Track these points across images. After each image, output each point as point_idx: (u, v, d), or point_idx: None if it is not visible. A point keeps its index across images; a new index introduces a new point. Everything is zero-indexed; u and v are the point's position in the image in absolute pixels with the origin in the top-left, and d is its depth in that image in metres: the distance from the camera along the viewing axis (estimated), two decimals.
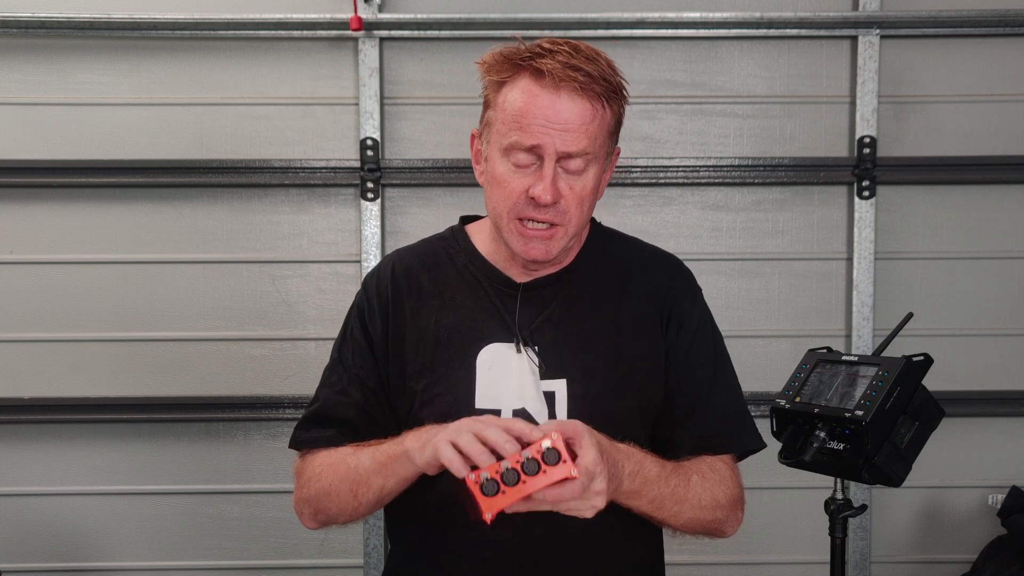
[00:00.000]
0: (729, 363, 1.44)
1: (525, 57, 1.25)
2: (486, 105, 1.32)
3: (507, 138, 1.26)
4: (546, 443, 1.07)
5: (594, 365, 1.33)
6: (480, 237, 1.43)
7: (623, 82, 1.30)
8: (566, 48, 1.25)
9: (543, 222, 1.28)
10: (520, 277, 1.38)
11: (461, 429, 1.12)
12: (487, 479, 1.07)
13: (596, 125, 1.26)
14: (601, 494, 1.11)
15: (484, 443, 1.09)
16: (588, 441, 1.11)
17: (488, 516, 1.07)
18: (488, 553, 1.32)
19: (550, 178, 1.25)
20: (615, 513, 1.33)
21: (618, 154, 1.39)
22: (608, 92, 1.26)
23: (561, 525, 1.31)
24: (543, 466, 1.07)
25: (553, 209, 1.27)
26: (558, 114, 1.23)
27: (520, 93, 1.25)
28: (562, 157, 1.25)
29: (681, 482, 1.28)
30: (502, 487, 1.06)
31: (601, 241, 1.45)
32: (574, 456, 1.10)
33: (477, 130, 1.36)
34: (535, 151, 1.25)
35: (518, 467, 1.07)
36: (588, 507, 1.12)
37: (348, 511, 1.32)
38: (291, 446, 1.42)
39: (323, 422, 1.38)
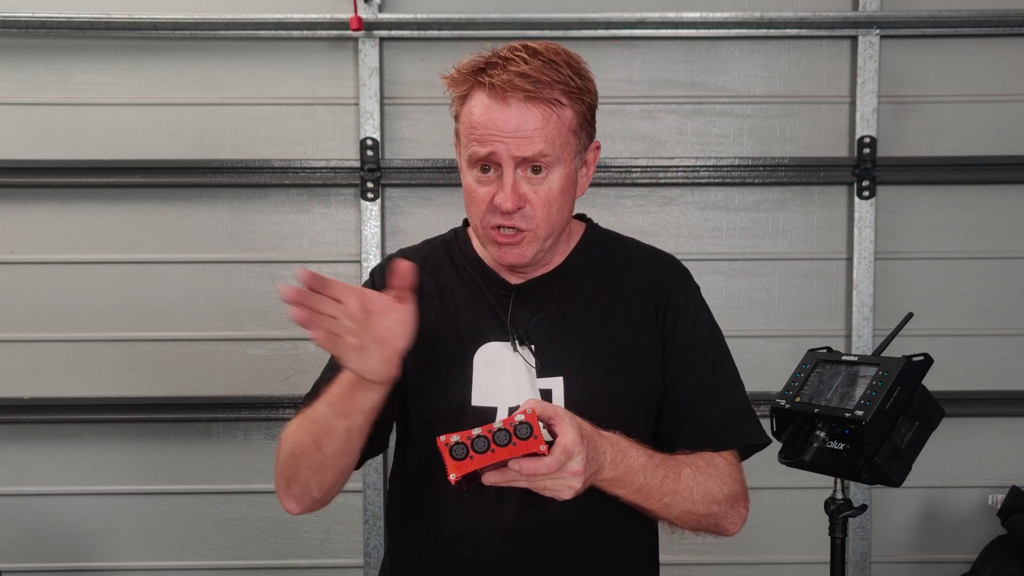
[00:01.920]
0: (729, 358, 1.44)
1: (477, 70, 1.28)
2: (455, 119, 1.35)
3: (468, 149, 1.29)
4: (519, 417, 1.08)
5: (590, 362, 1.34)
6: (477, 238, 1.44)
7: (587, 81, 1.31)
8: (522, 54, 1.26)
9: (511, 228, 1.29)
10: (513, 278, 1.39)
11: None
12: (457, 442, 1.08)
13: (552, 128, 1.26)
14: (578, 475, 1.12)
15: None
16: (567, 422, 1.13)
17: (453, 477, 1.08)
18: (480, 554, 1.32)
19: (510, 185, 1.26)
20: (609, 514, 1.33)
21: (598, 148, 1.39)
22: (565, 93, 1.27)
23: (553, 525, 1.32)
24: (514, 439, 1.08)
25: (518, 215, 1.28)
26: (508, 123, 1.25)
27: (475, 106, 1.28)
28: (520, 163, 1.27)
29: (671, 474, 1.28)
30: (471, 452, 1.08)
31: (596, 241, 1.46)
32: (552, 437, 1.11)
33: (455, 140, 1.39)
34: (492, 159, 1.27)
35: (489, 436, 1.08)
36: (565, 487, 1.13)
37: (315, 467, 1.25)
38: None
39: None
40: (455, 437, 1.09)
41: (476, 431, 1.09)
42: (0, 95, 2.61)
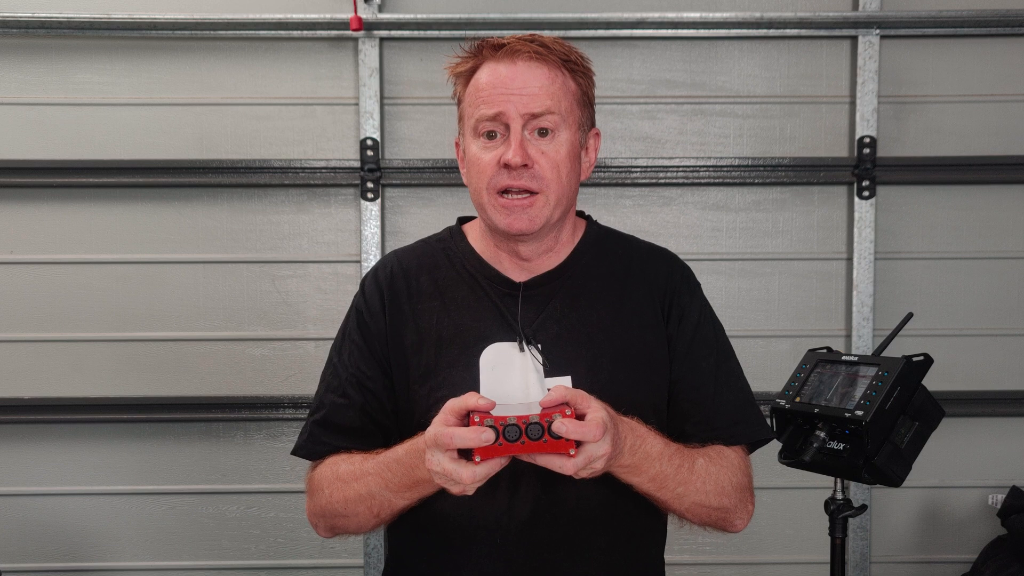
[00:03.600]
0: (733, 355, 1.45)
1: (481, 47, 1.32)
2: (459, 102, 1.36)
3: (474, 116, 1.31)
4: (557, 416, 1.09)
5: (599, 360, 1.34)
6: (474, 235, 1.44)
7: (585, 63, 1.35)
8: (527, 35, 1.32)
9: (521, 190, 1.30)
10: (518, 276, 1.38)
11: (441, 466, 1.11)
12: (490, 426, 1.09)
13: (558, 88, 1.30)
14: (605, 456, 1.12)
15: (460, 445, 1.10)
16: (596, 405, 1.13)
17: (477, 459, 1.09)
18: (490, 549, 1.32)
19: (518, 140, 1.28)
20: (622, 515, 1.34)
21: (598, 136, 1.41)
22: (567, 63, 1.32)
23: (567, 527, 1.32)
24: (546, 435, 1.09)
25: (528, 174, 1.29)
26: (515, 79, 1.29)
27: (483, 74, 1.31)
28: (528, 119, 1.29)
29: (685, 462, 1.28)
30: (501, 439, 1.09)
31: (598, 239, 1.45)
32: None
33: (458, 136, 1.40)
34: (500, 119, 1.29)
35: (522, 427, 1.09)
36: (588, 470, 1.13)
37: (368, 527, 1.36)
38: (298, 453, 1.42)
39: (329, 429, 1.38)
40: (489, 421, 1.09)
41: (511, 419, 1.09)
42: (0, 95, 2.61)
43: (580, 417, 1.12)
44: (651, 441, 1.24)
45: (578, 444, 1.10)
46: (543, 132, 1.30)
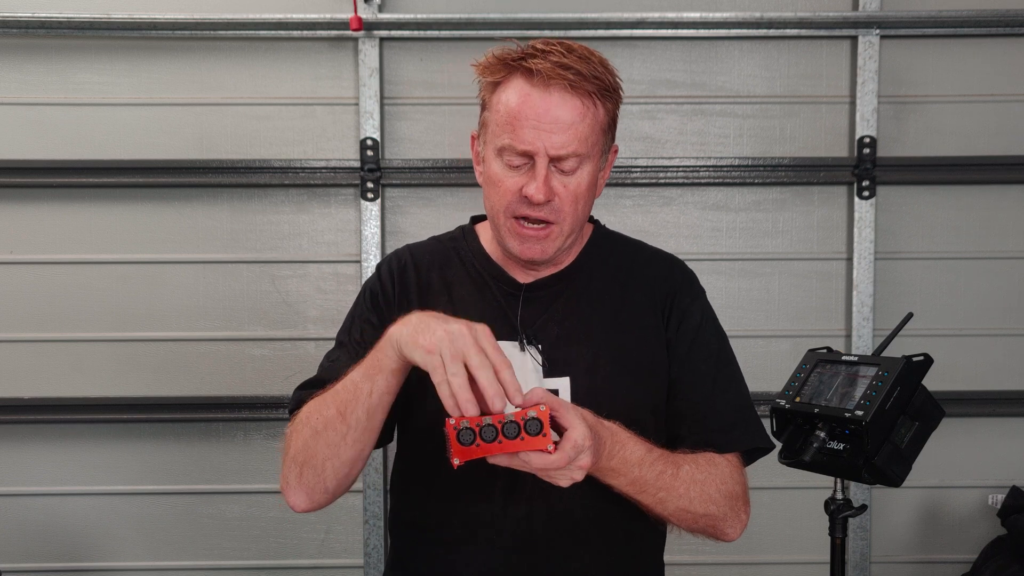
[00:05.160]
0: (734, 362, 1.45)
1: (517, 58, 1.28)
2: (483, 107, 1.35)
3: (500, 139, 1.28)
4: (531, 413, 1.09)
5: (597, 362, 1.34)
6: (486, 236, 1.45)
7: (618, 81, 1.32)
8: (559, 48, 1.27)
9: (538, 220, 1.29)
10: (522, 277, 1.39)
11: (457, 358, 1.10)
12: (466, 428, 1.09)
13: (587, 125, 1.27)
14: (583, 468, 1.13)
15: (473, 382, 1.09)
16: (575, 415, 1.12)
17: (456, 461, 1.10)
18: (488, 548, 1.32)
19: (542, 177, 1.27)
20: (618, 515, 1.34)
21: (615, 152, 1.41)
22: (600, 90, 1.28)
23: (563, 526, 1.32)
24: (523, 433, 1.09)
25: (547, 207, 1.29)
26: (548, 112, 1.25)
27: (512, 93, 1.28)
28: (554, 158, 1.27)
29: (669, 468, 1.28)
30: (478, 440, 1.09)
31: (603, 242, 1.46)
32: (557, 432, 1.12)
33: (476, 131, 1.38)
34: (526, 154, 1.27)
35: (499, 427, 1.09)
36: (566, 478, 1.13)
37: (335, 442, 1.24)
38: (289, 412, 1.38)
39: (319, 385, 1.33)
40: (464, 421, 1.09)
41: (486, 419, 1.09)
42: (0, 95, 2.61)
43: (555, 420, 1.12)
44: (631, 447, 1.24)
45: (556, 442, 1.10)
46: (567, 166, 1.29)
